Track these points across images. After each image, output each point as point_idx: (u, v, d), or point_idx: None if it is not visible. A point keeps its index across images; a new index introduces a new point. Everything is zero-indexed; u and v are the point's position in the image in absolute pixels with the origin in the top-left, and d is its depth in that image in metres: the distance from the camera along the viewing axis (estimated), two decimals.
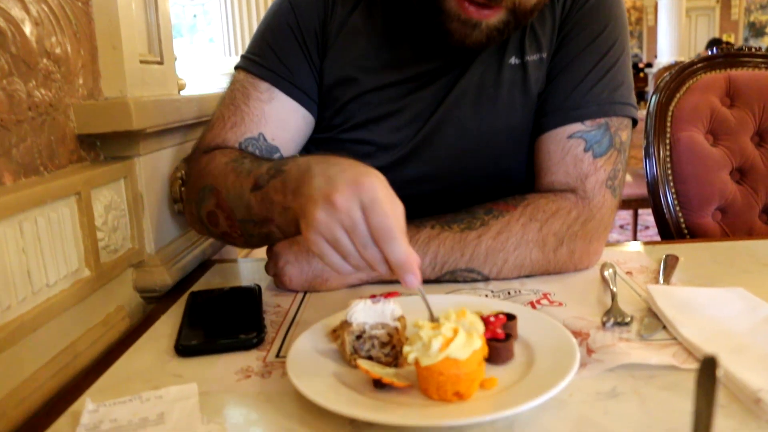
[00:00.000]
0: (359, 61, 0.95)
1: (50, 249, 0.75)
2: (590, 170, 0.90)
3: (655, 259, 0.96)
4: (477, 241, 0.85)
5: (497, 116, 0.96)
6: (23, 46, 0.76)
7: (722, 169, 1.47)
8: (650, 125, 1.47)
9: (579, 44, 0.94)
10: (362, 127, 0.97)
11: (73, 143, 0.86)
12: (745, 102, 1.49)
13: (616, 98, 0.92)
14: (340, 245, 0.61)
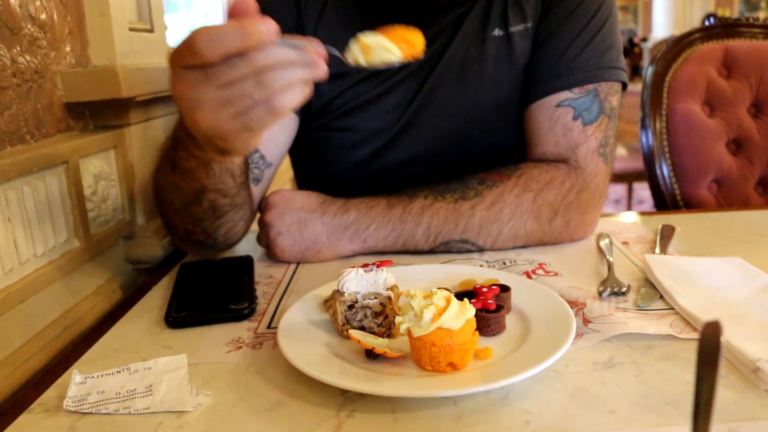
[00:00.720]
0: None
1: (38, 219, 0.74)
2: (581, 139, 0.89)
3: (651, 229, 0.95)
4: (471, 212, 0.84)
5: (483, 91, 0.94)
6: (5, 11, 0.74)
7: (718, 140, 1.46)
8: (646, 96, 1.46)
9: (564, 9, 0.91)
10: (348, 115, 0.95)
11: (60, 112, 0.84)
12: (742, 73, 1.47)
13: (604, 63, 0.90)
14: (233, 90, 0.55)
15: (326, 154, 0.99)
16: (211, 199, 0.75)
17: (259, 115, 0.54)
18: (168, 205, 0.80)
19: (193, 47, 0.52)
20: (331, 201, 0.87)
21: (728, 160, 1.46)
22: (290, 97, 0.54)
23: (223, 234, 0.83)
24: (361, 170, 0.95)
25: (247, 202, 0.82)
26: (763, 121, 1.47)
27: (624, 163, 3.32)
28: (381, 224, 0.85)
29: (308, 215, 0.85)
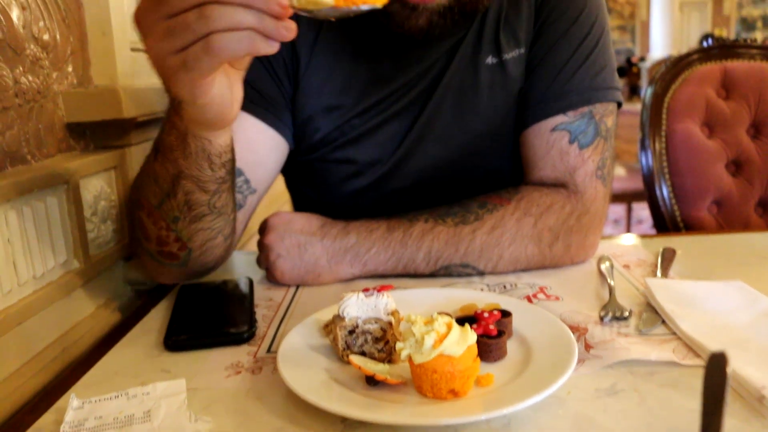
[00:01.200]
0: (339, 89, 0.93)
1: (37, 240, 0.73)
2: (578, 162, 0.88)
3: (652, 252, 0.95)
4: (471, 236, 0.84)
5: (479, 119, 0.93)
6: (9, 31, 0.74)
7: (718, 161, 1.46)
8: (646, 117, 1.46)
9: (556, 32, 0.91)
10: (345, 148, 0.95)
11: (61, 132, 0.84)
12: (741, 94, 1.48)
13: (598, 84, 0.90)
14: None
15: (322, 184, 0.99)
16: (186, 190, 0.71)
17: (197, 52, 0.52)
18: (143, 206, 0.76)
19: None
20: (332, 224, 0.87)
21: (728, 181, 1.46)
22: (231, 41, 0.51)
23: (199, 245, 0.78)
24: (358, 200, 0.95)
25: (227, 212, 0.78)
26: (763, 141, 1.47)
27: (623, 183, 3.32)
28: (381, 248, 0.84)
29: (308, 238, 0.85)
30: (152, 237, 0.77)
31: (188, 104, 0.60)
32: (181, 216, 0.74)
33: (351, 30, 0.92)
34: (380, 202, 0.90)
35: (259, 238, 0.87)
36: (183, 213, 0.73)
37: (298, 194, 1.08)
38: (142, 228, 0.78)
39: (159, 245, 0.78)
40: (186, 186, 0.70)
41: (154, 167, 0.72)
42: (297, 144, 0.96)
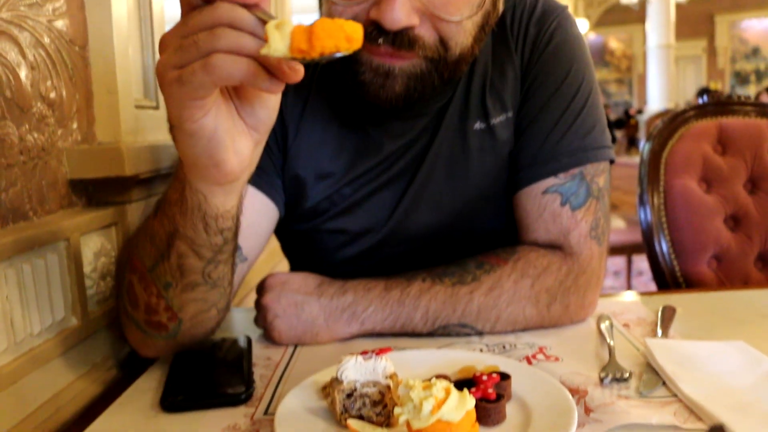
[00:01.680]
0: (328, 158, 0.93)
1: (36, 297, 0.73)
2: (571, 224, 0.88)
3: (652, 309, 0.95)
4: (469, 297, 0.84)
5: (470, 185, 0.93)
6: (17, 90, 0.76)
7: (716, 216, 1.47)
8: (644, 173, 1.48)
9: (544, 94, 0.91)
10: (337, 218, 0.95)
11: (64, 188, 0.85)
12: (737, 149, 1.50)
13: (588, 144, 0.90)
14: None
15: (316, 252, 0.99)
16: (180, 253, 0.69)
17: (194, 67, 0.52)
18: (136, 268, 0.74)
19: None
20: (329, 283, 0.87)
21: (727, 235, 1.47)
22: (229, 62, 0.51)
23: (191, 317, 0.75)
24: (353, 266, 0.95)
25: (223, 285, 0.76)
26: (760, 196, 1.48)
27: (623, 235, 3.32)
28: (379, 307, 0.84)
29: (305, 297, 0.85)
30: (141, 304, 0.75)
31: (177, 130, 0.59)
32: (173, 282, 0.71)
33: (338, 99, 0.93)
34: (375, 268, 0.90)
35: (257, 298, 0.87)
36: (176, 279, 0.71)
37: (294, 259, 1.08)
38: (130, 293, 0.75)
39: (147, 314, 0.75)
40: (180, 247, 0.68)
41: (152, 224, 0.71)
42: (288, 212, 0.96)
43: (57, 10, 0.83)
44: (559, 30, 0.93)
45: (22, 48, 0.76)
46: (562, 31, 0.93)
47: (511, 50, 0.93)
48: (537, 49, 0.92)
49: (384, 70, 0.79)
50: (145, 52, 1.01)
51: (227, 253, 0.72)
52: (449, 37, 0.79)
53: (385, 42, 0.76)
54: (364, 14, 0.76)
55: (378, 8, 0.74)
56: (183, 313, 0.75)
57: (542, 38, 0.92)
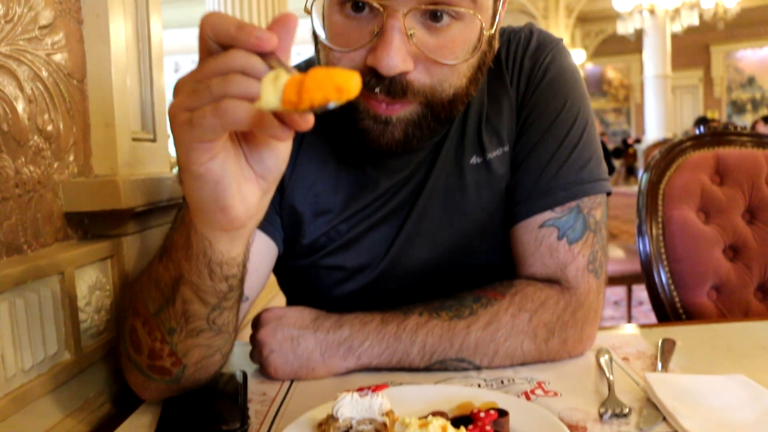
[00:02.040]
0: (325, 195, 0.93)
1: (28, 332, 0.73)
2: (568, 258, 0.87)
3: (651, 343, 0.94)
4: (466, 331, 0.83)
5: (467, 220, 0.93)
6: (15, 124, 0.76)
7: (715, 247, 1.46)
8: (642, 203, 1.48)
9: (540, 128, 0.91)
10: (334, 254, 0.95)
11: (59, 221, 0.84)
12: (734, 180, 1.50)
13: (584, 177, 0.89)
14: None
15: (313, 288, 0.99)
16: (185, 298, 0.68)
17: (205, 110, 0.52)
18: (140, 313, 0.73)
19: (200, 23, 0.54)
20: (325, 317, 0.86)
21: (726, 266, 1.46)
22: (239, 107, 0.51)
23: (195, 362, 0.74)
24: (350, 302, 0.94)
25: (229, 331, 0.75)
26: (758, 227, 1.48)
27: (622, 265, 3.30)
28: (375, 341, 0.83)
29: (301, 332, 0.84)
30: (144, 349, 0.74)
31: (184, 172, 0.58)
32: (177, 328, 0.70)
33: (334, 136, 0.93)
34: (372, 303, 0.89)
35: (252, 333, 0.86)
36: (180, 324, 0.70)
37: (291, 294, 1.07)
38: (133, 338, 0.75)
39: (151, 359, 0.74)
40: (185, 293, 0.68)
41: (157, 269, 0.70)
42: (286, 248, 0.96)
43: (56, 43, 0.84)
44: (554, 63, 0.93)
45: (20, 82, 0.77)
46: (557, 64, 0.93)
47: (506, 84, 0.93)
48: (532, 82, 0.92)
49: (383, 119, 0.80)
50: (143, 84, 1.01)
51: (232, 299, 0.71)
52: (443, 79, 0.79)
53: (381, 91, 0.77)
54: (361, 61, 0.77)
55: (374, 55, 0.75)
56: (187, 359, 0.74)
57: (537, 72, 0.92)
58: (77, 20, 0.88)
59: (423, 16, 0.76)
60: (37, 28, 0.80)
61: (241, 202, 0.59)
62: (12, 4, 0.75)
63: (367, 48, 0.77)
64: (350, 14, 0.77)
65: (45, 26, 0.81)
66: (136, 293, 0.75)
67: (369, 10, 0.76)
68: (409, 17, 0.74)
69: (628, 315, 3.70)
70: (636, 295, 4.03)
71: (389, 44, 0.74)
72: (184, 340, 0.72)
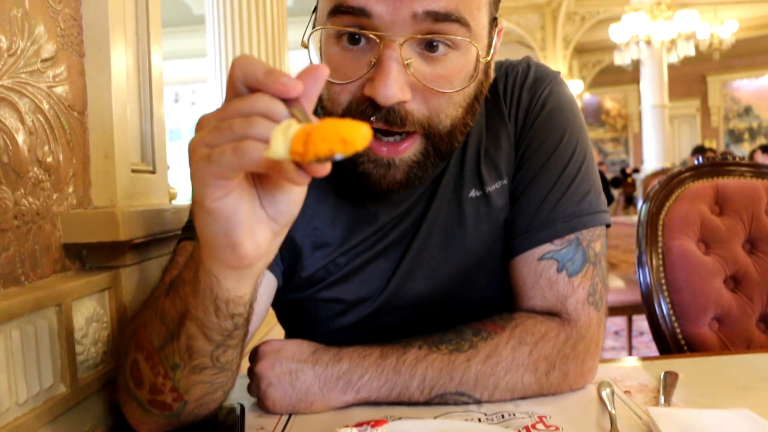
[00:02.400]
0: (323, 229, 0.93)
1: (23, 364, 0.72)
2: (568, 291, 0.87)
3: (653, 375, 0.93)
4: (466, 365, 0.82)
5: (467, 253, 0.93)
6: (15, 155, 0.76)
7: (716, 277, 1.46)
8: (642, 234, 1.48)
9: (538, 161, 0.91)
10: (332, 287, 0.95)
11: (58, 252, 0.84)
12: (734, 210, 1.50)
13: (583, 210, 0.89)
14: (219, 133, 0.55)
15: (311, 321, 0.98)
16: (190, 334, 0.68)
17: (224, 148, 0.53)
18: (143, 347, 0.72)
19: (231, 65, 0.56)
20: (324, 350, 0.85)
21: (727, 296, 1.45)
22: (259, 150, 0.52)
23: (196, 398, 0.73)
24: (349, 335, 0.94)
25: (232, 369, 0.75)
26: (759, 257, 1.48)
27: (622, 295, 3.29)
28: (374, 375, 0.82)
29: (299, 365, 0.83)
30: (146, 383, 0.73)
31: (197, 206, 0.58)
32: (181, 363, 0.70)
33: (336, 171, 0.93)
34: (371, 336, 0.88)
35: (250, 366, 0.86)
36: (184, 360, 0.69)
37: (289, 327, 1.07)
38: (135, 372, 0.74)
39: (152, 393, 0.73)
40: (190, 329, 0.67)
41: (163, 303, 0.70)
42: (284, 281, 0.95)
43: (58, 76, 0.84)
44: (552, 96, 0.94)
45: (21, 114, 0.77)
46: (555, 97, 0.94)
47: (504, 117, 0.94)
48: (530, 115, 0.93)
49: (384, 162, 0.80)
50: (143, 116, 1.02)
51: (237, 338, 0.71)
52: (439, 110, 0.80)
53: (377, 120, 0.77)
54: (358, 91, 0.78)
55: (371, 85, 0.75)
56: (189, 395, 0.73)
57: (535, 105, 0.93)
58: (79, 53, 0.89)
59: (419, 46, 0.77)
60: (39, 61, 0.80)
61: (251, 241, 0.59)
62: (15, 38, 0.76)
63: (364, 79, 0.77)
64: (347, 47, 0.78)
65: (47, 59, 0.82)
66: (139, 327, 0.74)
67: (366, 41, 0.77)
68: (406, 47, 0.75)
69: (629, 345, 3.67)
70: (636, 325, 4.01)
71: (387, 74, 0.74)
72: (187, 377, 0.71)
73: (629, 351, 3.66)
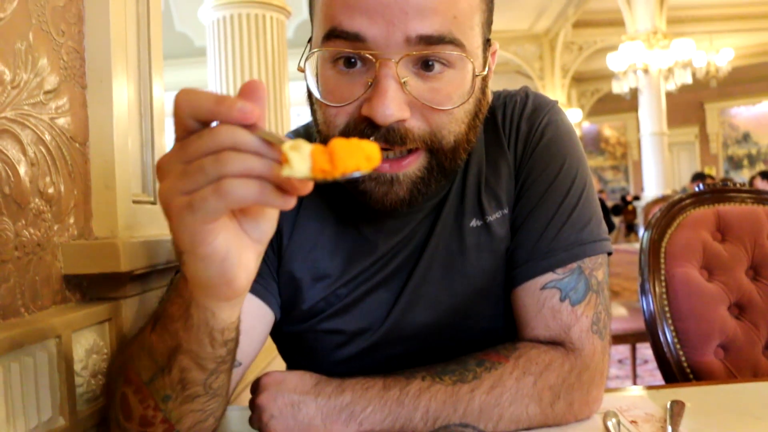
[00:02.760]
0: (324, 259, 0.93)
1: (22, 397, 0.71)
2: (571, 320, 0.86)
3: (660, 405, 0.92)
4: (470, 396, 0.81)
5: (468, 283, 0.92)
6: (16, 186, 0.76)
7: (720, 304, 1.45)
8: (644, 262, 1.47)
9: (538, 190, 0.91)
10: (333, 319, 0.94)
11: (58, 283, 0.84)
12: (736, 236, 1.49)
13: (585, 238, 0.89)
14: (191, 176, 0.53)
15: (312, 353, 0.97)
16: (182, 367, 0.67)
17: (204, 193, 0.51)
18: (132, 381, 0.72)
19: (174, 102, 0.53)
20: (326, 382, 0.84)
21: (732, 324, 1.44)
22: (241, 186, 0.51)
23: (188, 427, 0.73)
24: (350, 366, 0.93)
25: (223, 394, 0.74)
26: (762, 284, 1.47)
27: (625, 323, 3.26)
28: (377, 407, 0.81)
29: (302, 397, 0.82)
30: (135, 417, 0.72)
31: (189, 254, 0.58)
32: (173, 395, 0.69)
33: (334, 199, 0.93)
34: (373, 367, 0.88)
35: (251, 398, 0.84)
36: (176, 391, 0.69)
37: (290, 359, 1.05)
38: (124, 406, 0.73)
39: (142, 426, 0.72)
40: (183, 362, 0.67)
41: (150, 339, 0.69)
42: (284, 313, 0.95)
43: (60, 108, 0.85)
44: (551, 125, 0.94)
45: (23, 145, 0.77)
46: (554, 126, 0.94)
47: (503, 147, 0.94)
48: (529, 145, 0.93)
49: (386, 179, 0.79)
50: (144, 147, 1.02)
51: (228, 363, 0.71)
52: (441, 126, 0.80)
53: (376, 138, 0.76)
54: (356, 113, 0.78)
55: (369, 104, 0.76)
56: (180, 425, 0.72)
57: (534, 134, 0.93)
58: (81, 85, 0.90)
59: (415, 66, 0.77)
60: (42, 93, 0.81)
61: (243, 271, 0.59)
62: (19, 71, 0.77)
63: (361, 100, 0.77)
64: (343, 70, 0.78)
65: (50, 91, 0.83)
66: (126, 362, 0.74)
67: (362, 64, 0.77)
68: (402, 66, 0.75)
69: (633, 374, 3.64)
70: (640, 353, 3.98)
71: (384, 93, 0.74)
72: (179, 407, 0.70)
73: (633, 379, 3.63)
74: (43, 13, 0.82)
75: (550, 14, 10.20)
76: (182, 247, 0.57)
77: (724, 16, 10.62)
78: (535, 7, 9.85)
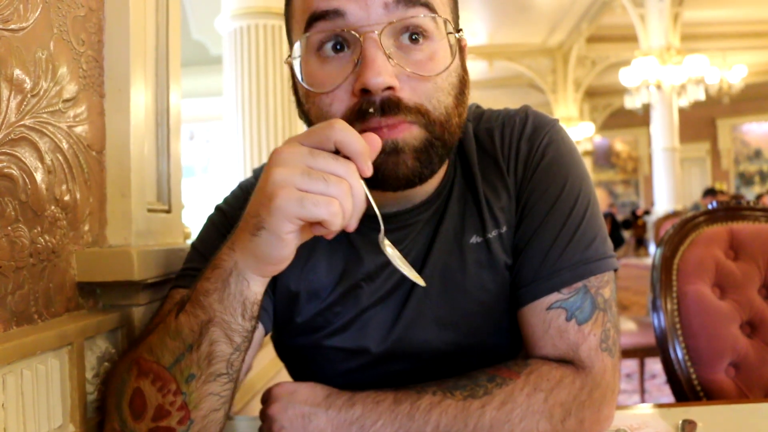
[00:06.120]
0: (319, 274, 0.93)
1: (33, 404, 0.71)
2: (579, 339, 0.85)
3: (671, 423, 0.91)
4: (481, 411, 0.81)
5: (469, 300, 0.92)
6: (33, 194, 0.77)
7: (732, 322, 1.44)
8: (656, 278, 1.46)
9: (541, 210, 0.90)
10: (333, 336, 0.94)
11: (72, 291, 0.84)
12: (749, 255, 1.48)
13: (589, 257, 0.88)
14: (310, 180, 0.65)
15: (317, 365, 0.97)
16: (212, 339, 0.72)
17: (319, 201, 0.64)
18: (149, 372, 0.73)
19: (334, 124, 0.68)
20: (337, 394, 0.84)
21: (744, 342, 1.43)
22: (339, 213, 0.65)
23: (203, 415, 0.74)
24: (356, 376, 0.92)
25: (236, 379, 0.76)
26: None
27: (634, 338, 3.23)
28: (388, 420, 0.81)
29: (313, 409, 0.82)
30: (149, 410, 0.73)
31: (272, 233, 0.67)
32: (197, 373, 0.73)
33: None
34: (380, 379, 0.87)
35: (262, 408, 0.84)
36: (201, 368, 0.73)
37: (296, 372, 1.05)
38: (135, 403, 0.73)
39: (156, 420, 0.73)
40: (214, 334, 0.72)
41: (177, 322, 0.73)
42: (284, 326, 0.95)
43: (78, 116, 0.86)
44: (552, 145, 0.93)
45: (41, 153, 0.78)
46: (555, 146, 0.93)
47: (502, 169, 0.93)
48: (530, 166, 0.92)
49: (390, 146, 0.79)
50: (160, 155, 1.03)
51: (249, 341, 0.76)
52: (429, 95, 0.81)
53: (375, 111, 0.78)
54: (348, 95, 0.79)
55: (361, 78, 0.77)
56: (197, 412, 0.74)
57: (535, 155, 0.92)
58: (100, 94, 0.91)
59: (396, 39, 0.80)
60: (61, 101, 0.82)
61: (292, 255, 0.70)
62: (39, 79, 0.78)
63: (351, 80, 0.79)
64: (329, 55, 0.81)
65: (68, 99, 0.83)
66: (137, 358, 0.75)
67: (347, 47, 0.80)
68: (384, 39, 0.78)
69: (641, 389, 3.61)
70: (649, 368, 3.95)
71: (373, 61, 0.77)
72: (201, 387, 0.73)
73: (641, 394, 3.60)
74: (64, 23, 0.83)
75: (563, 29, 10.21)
76: (270, 226, 0.67)
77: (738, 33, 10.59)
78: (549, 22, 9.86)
